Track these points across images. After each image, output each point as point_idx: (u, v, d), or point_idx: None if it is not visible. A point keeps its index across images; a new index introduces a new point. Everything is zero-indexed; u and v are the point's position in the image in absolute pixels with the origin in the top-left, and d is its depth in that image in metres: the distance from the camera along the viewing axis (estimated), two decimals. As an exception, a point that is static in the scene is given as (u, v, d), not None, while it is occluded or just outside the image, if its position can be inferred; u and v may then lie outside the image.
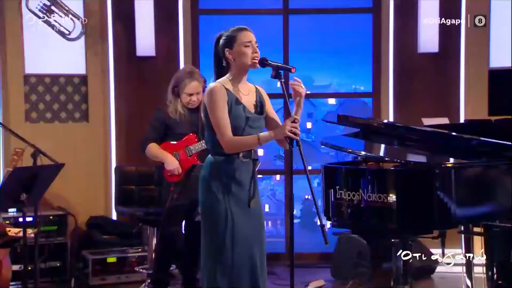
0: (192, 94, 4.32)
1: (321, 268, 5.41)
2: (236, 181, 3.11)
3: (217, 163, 3.12)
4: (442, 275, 5.10)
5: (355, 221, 3.34)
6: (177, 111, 4.34)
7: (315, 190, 2.99)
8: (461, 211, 3.16)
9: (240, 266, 3.07)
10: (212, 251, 3.10)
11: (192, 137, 4.35)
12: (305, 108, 6.64)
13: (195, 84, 4.33)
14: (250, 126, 3.13)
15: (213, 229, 3.10)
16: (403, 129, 3.77)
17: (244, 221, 3.10)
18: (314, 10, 5.95)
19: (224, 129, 3.07)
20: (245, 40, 3.11)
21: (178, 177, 4.32)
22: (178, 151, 4.34)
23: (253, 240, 3.12)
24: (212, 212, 3.10)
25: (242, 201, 3.11)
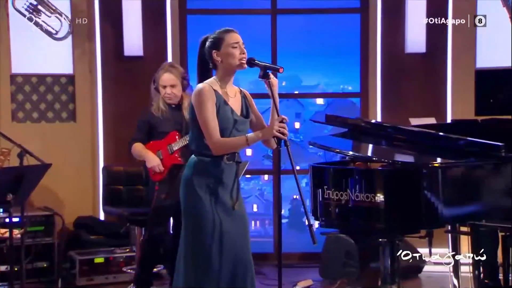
0: (166, 86, 4.30)
1: (309, 268, 5.41)
2: (219, 183, 3.10)
3: (201, 163, 3.11)
4: (429, 275, 5.12)
5: (343, 221, 3.35)
6: (159, 108, 4.32)
7: (304, 190, 3.00)
8: (448, 210, 3.17)
9: (226, 268, 3.06)
10: (196, 252, 3.08)
11: (174, 134, 4.34)
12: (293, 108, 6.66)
13: (167, 75, 4.31)
14: (236, 129, 3.13)
15: (197, 230, 3.09)
16: (391, 129, 3.79)
17: (229, 222, 3.09)
18: (302, 10, 5.95)
19: (212, 130, 3.06)
20: (232, 41, 3.10)
21: (161, 175, 4.31)
22: (161, 149, 4.34)
23: (238, 241, 3.11)
24: (196, 212, 3.08)
25: (226, 203, 3.11)
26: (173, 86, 4.31)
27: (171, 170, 4.32)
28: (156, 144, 4.36)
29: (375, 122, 4.94)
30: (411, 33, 5.64)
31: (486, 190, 3.28)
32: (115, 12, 5.53)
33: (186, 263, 3.12)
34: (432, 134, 3.65)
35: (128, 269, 4.94)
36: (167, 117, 4.34)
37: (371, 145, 3.93)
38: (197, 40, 3.27)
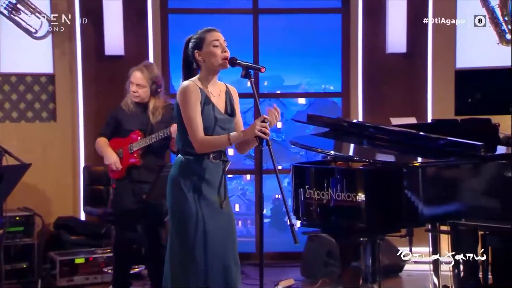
0: (133, 84, 4.25)
1: (291, 267, 5.43)
2: (206, 181, 3.09)
3: (187, 163, 3.11)
4: (410, 273, 5.16)
5: (324, 220, 3.36)
6: (127, 103, 4.29)
7: (286, 190, 3.00)
8: (428, 209, 3.19)
9: (213, 267, 3.06)
10: (183, 252, 3.08)
11: (137, 134, 4.29)
12: (275, 108, 6.66)
13: (138, 74, 4.26)
14: (220, 127, 3.12)
15: (183, 230, 3.08)
16: (372, 129, 3.80)
17: (215, 221, 3.09)
18: (283, 10, 5.97)
19: (196, 128, 3.05)
20: (213, 40, 3.10)
21: (119, 173, 4.26)
22: (122, 147, 4.29)
23: (225, 240, 3.11)
24: (182, 211, 3.08)
25: (212, 202, 3.10)
26: (139, 85, 4.26)
27: (129, 170, 4.28)
28: (118, 141, 4.30)
29: (357, 121, 4.97)
30: (392, 34, 5.68)
31: (466, 190, 3.31)
32: (96, 11, 5.49)
33: (172, 262, 3.12)
34: (413, 134, 3.67)
35: (109, 269, 4.91)
36: (134, 115, 4.29)
37: (352, 145, 3.94)
38: (178, 40, 3.26)
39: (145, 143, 4.25)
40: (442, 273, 4.18)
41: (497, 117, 4.33)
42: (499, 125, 3.76)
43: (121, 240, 4.33)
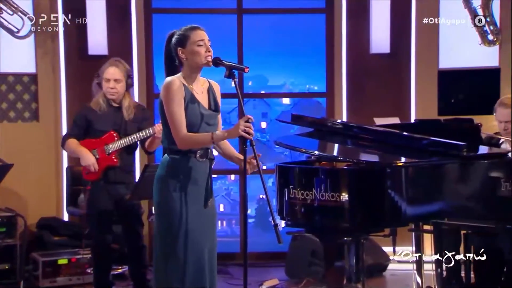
0: (110, 80, 4.20)
1: (275, 267, 5.43)
2: (192, 180, 3.10)
3: (174, 162, 3.11)
4: (393, 273, 5.19)
5: (309, 220, 3.36)
6: (98, 103, 4.22)
7: (270, 190, 3.00)
8: (411, 209, 3.21)
9: (190, 265, 3.06)
10: (165, 250, 3.09)
11: (112, 134, 4.24)
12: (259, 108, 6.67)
13: (113, 69, 4.22)
14: (206, 123, 3.13)
15: (167, 228, 3.09)
16: (356, 129, 3.81)
17: (197, 220, 3.10)
18: (267, 10, 5.97)
19: (178, 124, 3.05)
20: (197, 39, 3.09)
21: (96, 175, 4.21)
22: (97, 148, 4.23)
23: (204, 240, 3.12)
24: (168, 210, 3.09)
25: (197, 200, 3.11)
26: (117, 80, 4.21)
27: (105, 171, 4.24)
28: (92, 142, 4.24)
29: (341, 121, 4.97)
30: (375, 34, 5.71)
31: (449, 189, 3.33)
32: (79, 10, 5.45)
33: (157, 262, 3.13)
34: (397, 133, 3.69)
35: (92, 270, 4.88)
36: (106, 115, 4.23)
37: (336, 145, 3.95)
38: (162, 39, 3.25)
39: (124, 143, 4.22)
40: (425, 272, 4.20)
41: (480, 117, 4.37)
42: (481, 125, 3.79)
43: (98, 241, 4.30)
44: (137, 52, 5.64)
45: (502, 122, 4.15)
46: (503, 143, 4.22)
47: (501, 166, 3.46)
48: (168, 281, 3.07)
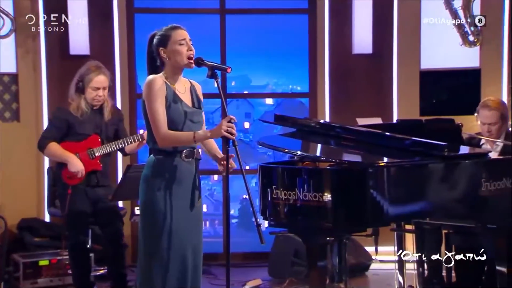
0: (99, 89, 4.18)
1: (258, 267, 5.44)
2: (177, 180, 3.10)
3: (159, 162, 3.11)
4: (376, 272, 5.21)
5: (291, 220, 3.36)
6: (80, 108, 4.18)
7: (253, 190, 3.01)
8: (394, 209, 3.22)
9: (173, 266, 3.06)
10: (148, 250, 3.10)
11: (95, 138, 4.22)
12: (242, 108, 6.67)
13: (102, 77, 4.20)
14: (191, 121, 3.13)
15: (151, 228, 3.09)
16: (339, 129, 3.83)
17: (182, 221, 3.09)
18: (250, 10, 5.97)
19: (159, 122, 3.05)
20: (179, 38, 3.10)
21: (79, 180, 4.19)
22: (79, 152, 4.20)
23: (188, 240, 3.11)
24: (152, 210, 3.09)
25: (183, 201, 3.11)
26: (105, 88, 4.20)
27: (88, 175, 4.21)
28: (73, 145, 4.20)
29: (324, 122, 4.99)
30: (358, 34, 5.73)
31: (431, 189, 3.35)
32: (60, 9, 5.41)
33: (140, 261, 3.13)
34: (379, 134, 3.71)
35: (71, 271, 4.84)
36: (87, 118, 4.20)
37: (319, 145, 3.97)
38: (145, 39, 3.25)
39: (111, 149, 4.20)
40: (407, 272, 4.23)
41: (461, 117, 4.41)
42: (462, 125, 3.82)
43: (75, 243, 4.27)
44: (119, 52, 5.61)
45: (486, 124, 4.18)
46: (483, 144, 4.26)
47: (482, 166, 3.50)
48: (152, 280, 3.06)
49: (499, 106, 4.20)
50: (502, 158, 3.95)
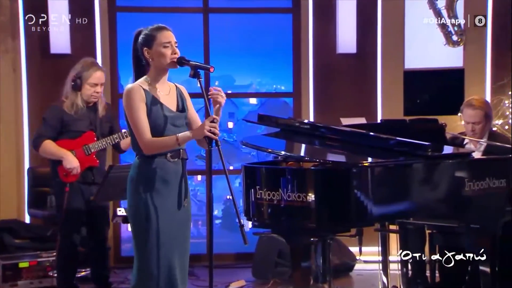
0: (97, 85, 4.20)
1: (242, 268, 5.43)
2: (164, 181, 3.09)
3: (145, 163, 3.10)
4: (360, 272, 5.23)
5: (275, 220, 3.37)
6: (75, 105, 4.18)
7: (237, 190, 3.00)
8: (378, 209, 3.23)
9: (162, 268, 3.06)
10: (140, 253, 3.10)
11: (90, 134, 4.23)
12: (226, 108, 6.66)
13: (100, 73, 4.22)
14: (173, 125, 3.12)
15: (141, 231, 3.09)
16: (323, 129, 3.83)
17: (170, 222, 3.09)
18: (234, 9, 5.97)
19: (142, 130, 3.04)
20: (164, 40, 3.08)
21: (75, 177, 4.18)
22: (75, 149, 4.20)
23: (176, 241, 3.11)
24: (139, 213, 3.08)
25: (169, 201, 3.10)
26: (102, 84, 4.24)
27: (85, 172, 4.21)
28: (68, 143, 4.20)
29: (308, 122, 5.00)
30: (342, 34, 5.75)
31: (414, 189, 3.36)
32: (41, 8, 5.37)
33: (134, 263, 3.13)
34: (363, 134, 3.72)
35: (55, 273, 4.81)
36: (82, 116, 4.21)
37: (303, 145, 3.97)
38: (127, 38, 3.23)
39: (106, 144, 4.20)
40: (391, 272, 4.25)
41: (445, 117, 4.44)
42: (446, 125, 3.85)
43: (68, 243, 4.24)
44: (101, 52, 5.58)
45: (469, 123, 4.21)
46: (467, 144, 4.29)
47: (465, 166, 3.52)
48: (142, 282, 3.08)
49: (483, 105, 4.23)
50: (485, 158, 3.99)
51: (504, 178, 3.60)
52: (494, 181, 3.55)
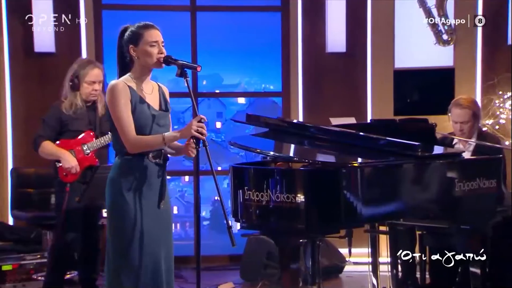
0: (95, 83, 4.21)
1: (230, 270, 5.43)
2: (145, 182, 3.08)
3: (126, 163, 3.08)
4: (350, 274, 5.24)
5: (264, 222, 3.36)
6: (74, 105, 4.20)
7: (225, 191, 3.00)
8: (367, 210, 3.24)
9: (145, 268, 3.04)
10: (118, 252, 3.07)
11: (89, 134, 4.24)
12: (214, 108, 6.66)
13: (97, 71, 4.24)
14: (157, 124, 3.10)
15: (120, 230, 3.06)
16: (312, 129, 3.84)
17: (152, 222, 3.08)
18: (222, 8, 5.97)
19: (126, 128, 3.03)
20: (151, 39, 3.06)
21: (75, 176, 4.19)
22: (74, 149, 4.21)
23: (160, 242, 3.10)
24: (120, 213, 3.06)
25: (151, 202, 3.09)
26: (100, 82, 4.25)
27: (84, 172, 4.21)
28: (68, 143, 4.22)
29: (297, 122, 5.01)
30: (331, 33, 5.76)
31: (404, 190, 3.37)
32: (24, 6, 5.33)
33: (109, 264, 3.10)
34: (353, 134, 3.73)
35: (39, 276, 4.79)
36: (81, 115, 4.23)
37: (292, 145, 3.97)
38: (113, 37, 3.21)
39: (104, 142, 4.20)
40: (381, 274, 4.26)
41: (435, 117, 4.45)
42: (436, 125, 3.86)
43: (63, 244, 4.23)
44: (86, 50, 5.56)
45: (458, 122, 4.23)
46: (456, 144, 4.32)
47: (455, 166, 3.54)
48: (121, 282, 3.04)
49: (471, 104, 4.25)
50: (475, 158, 4.01)
51: (495, 178, 3.61)
52: (484, 182, 3.56)
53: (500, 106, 5.50)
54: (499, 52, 5.66)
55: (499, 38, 5.64)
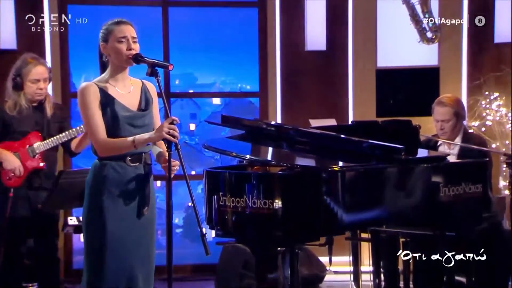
0: (39, 81, 4.15)
1: (205, 281, 5.42)
2: (124, 187, 3.09)
3: (102, 166, 3.09)
4: (330, 284, 5.26)
5: (240, 229, 3.37)
6: (18, 105, 4.14)
7: (199, 197, 3.00)
8: (348, 216, 3.26)
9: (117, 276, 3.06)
10: (91, 260, 3.09)
11: (35, 135, 4.19)
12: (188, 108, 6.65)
13: (41, 68, 4.17)
14: (132, 125, 3.11)
15: (91, 238, 3.09)
16: (291, 131, 3.85)
17: (127, 230, 3.07)
18: (195, 3, 5.96)
19: (95, 129, 3.04)
20: (119, 35, 3.07)
21: (20, 179, 4.13)
22: (18, 151, 4.15)
23: (135, 251, 3.11)
24: (93, 219, 3.08)
25: (129, 209, 3.09)
26: (45, 80, 4.18)
27: (30, 176, 4.16)
28: (11, 145, 4.16)
29: (275, 123, 5.02)
30: (311, 30, 5.79)
31: (387, 195, 3.40)
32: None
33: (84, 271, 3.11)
34: (334, 136, 3.75)
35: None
36: (26, 116, 4.17)
37: (270, 148, 3.99)
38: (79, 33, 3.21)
39: (52, 143, 4.15)
40: (363, 283, 4.29)
41: (419, 118, 4.50)
42: (420, 127, 3.90)
43: (13, 255, 4.17)
44: (50, 47, 5.51)
45: (439, 121, 4.30)
46: (440, 145, 4.37)
47: (440, 170, 3.58)
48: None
49: (453, 103, 4.32)
50: (460, 162, 4.06)
51: (480, 182, 3.66)
52: (470, 186, 3.61)
53: (486, 107, 5.56)
54: (485, 50, 5.73)
55: (485, 36, 5.71)
